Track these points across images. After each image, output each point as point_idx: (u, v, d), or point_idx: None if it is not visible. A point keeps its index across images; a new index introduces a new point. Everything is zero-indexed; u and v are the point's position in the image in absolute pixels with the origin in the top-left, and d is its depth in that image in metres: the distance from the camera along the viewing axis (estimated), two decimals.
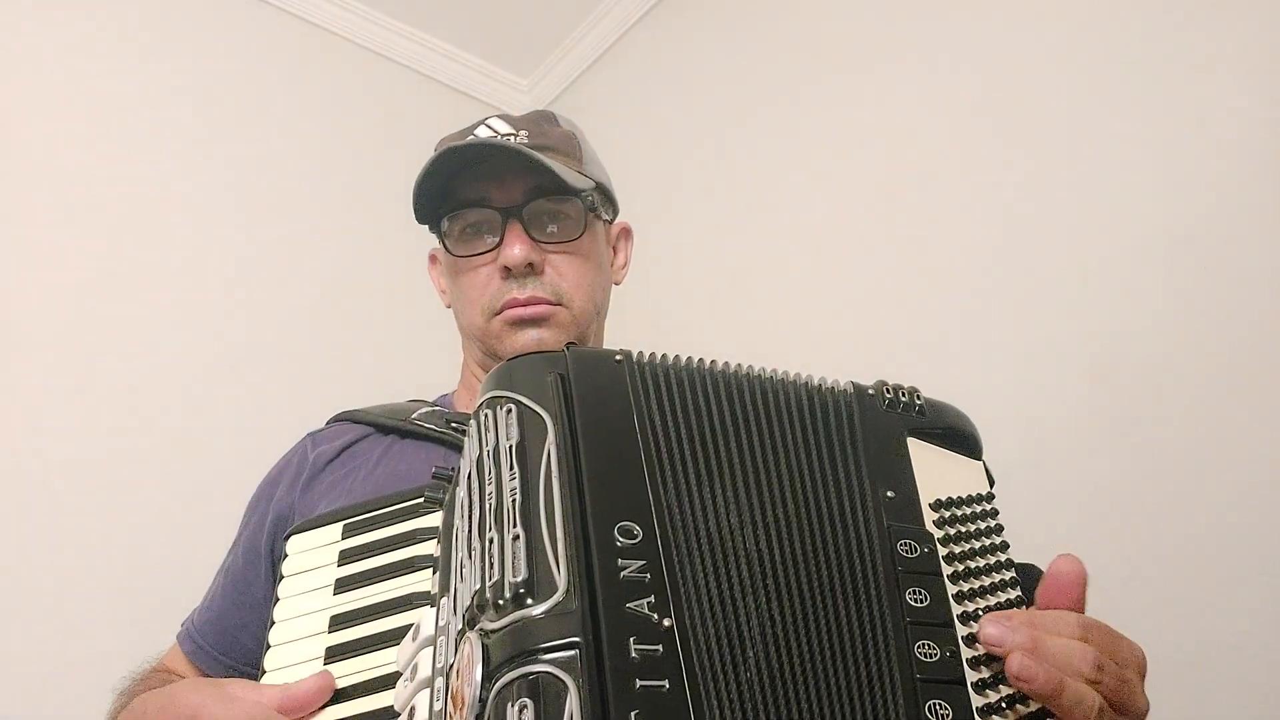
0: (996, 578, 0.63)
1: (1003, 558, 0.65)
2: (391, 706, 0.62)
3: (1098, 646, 0.57)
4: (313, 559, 0.76)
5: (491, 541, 0.56)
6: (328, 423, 1.01)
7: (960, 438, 0.73)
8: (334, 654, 0.68)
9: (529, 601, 0.52)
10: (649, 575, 0.54)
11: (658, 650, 0.50)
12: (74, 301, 1.88)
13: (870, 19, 1.81)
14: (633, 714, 0.47)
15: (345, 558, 0.74)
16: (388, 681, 0.64)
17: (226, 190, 2.15)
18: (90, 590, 1.73)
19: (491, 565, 0.54)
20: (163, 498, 1.84)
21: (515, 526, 0.56)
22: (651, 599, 0.52)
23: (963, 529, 0.65)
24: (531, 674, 0.48)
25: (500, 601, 0.52)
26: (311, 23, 2.43)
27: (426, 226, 0.99)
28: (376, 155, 2.39)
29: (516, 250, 0.91)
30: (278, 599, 0.74)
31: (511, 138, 0.95)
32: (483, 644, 0.51)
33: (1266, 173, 1.19)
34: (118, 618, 1.67)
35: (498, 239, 0.93)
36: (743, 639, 0.54)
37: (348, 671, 0.67)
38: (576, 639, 0.49)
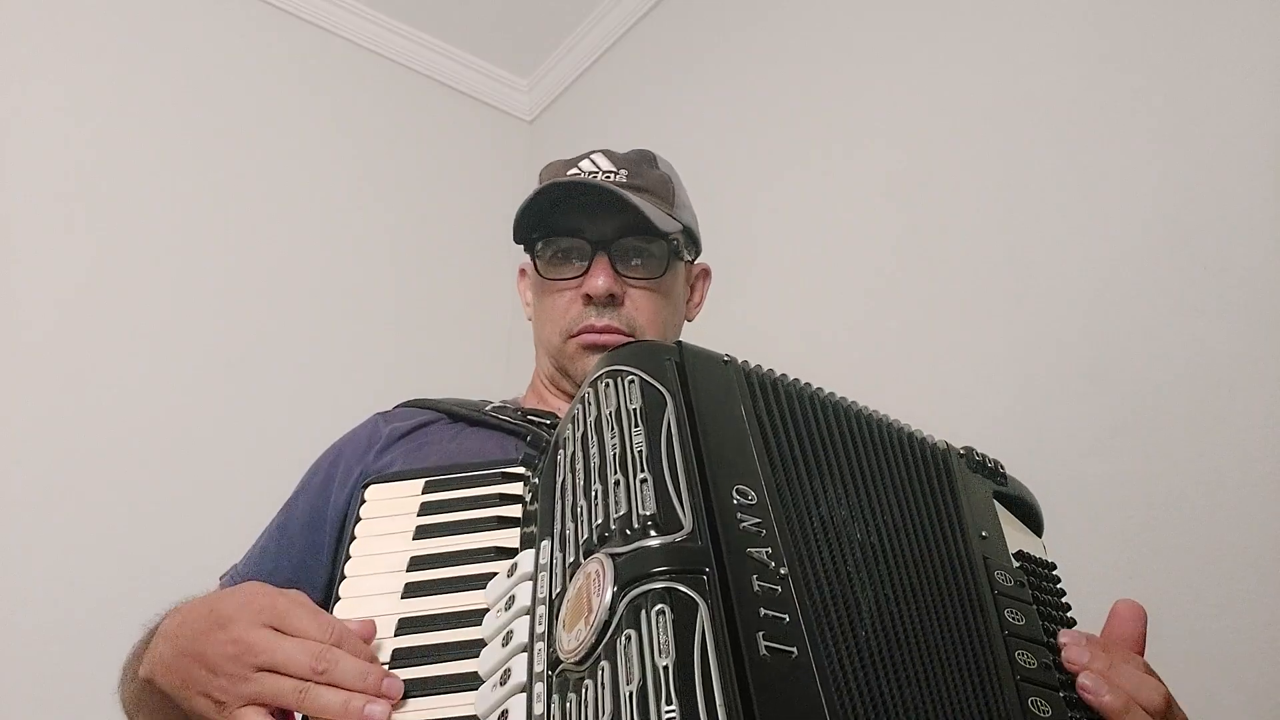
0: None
1: (1068, 617, 0.72)
2: (463, 640, 0.64)
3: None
4: (393, 507, 0.78)
5: (617, 484, 0.60)
6: (395, 407, 1.04)
7: (1031, 513, 0.83)
8: (411, 591, 0.70)
9: (653, 533, 0.55)
10: (764, 530, 0.58)
11: (777, 590, 0.54)
12: (72, 302, 1.92)
13: (872, 18, 1.85)
14: (759, 634, 0.50)
15: (426, 509, 0.77)
16: (465, 619, 0.66)
17: (223, 190, 2.18)
18: (91, 592, 1.71)
19: (617, 502, 0.58)
20: (175, 507, 1.84)
21: (642, 471, 0.60)
22: (769, 549, 0.56)
23: (1038, 582, 0.73)
24: (665, 588, 0.52)
25: (628, 530, 0.56)
26: (311, 23, 2.47)
27: (522, 245, 1.05)
28: (377, 154, 2.41)
29: (600, 281, 0.98)
30: (354, 537, 0.76)
31: (612, 175, 1.04)
32: (614, 562, 0.54)
33: (1269, 171, 1.20)
34: (118, 622, 1.63)
35: (585, 267, 1.00)
36: (857, 605, 0.59)
37: (425, 608, 0.68)
38: (705, 568, 0.53)
